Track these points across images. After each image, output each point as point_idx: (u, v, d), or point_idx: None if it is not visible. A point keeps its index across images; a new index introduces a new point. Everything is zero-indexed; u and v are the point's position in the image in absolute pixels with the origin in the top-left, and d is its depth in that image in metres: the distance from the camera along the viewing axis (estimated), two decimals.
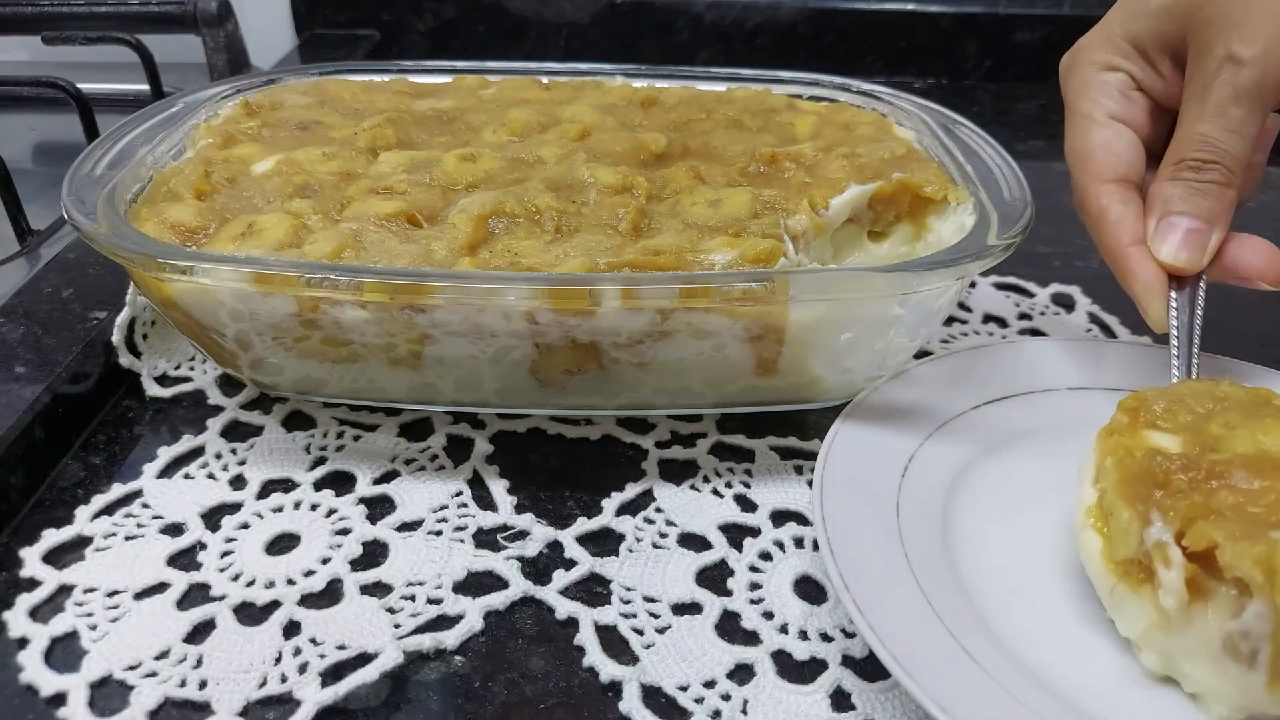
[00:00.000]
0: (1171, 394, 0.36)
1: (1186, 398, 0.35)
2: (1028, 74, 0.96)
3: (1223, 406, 0.35)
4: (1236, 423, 0.33)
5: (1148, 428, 0.34)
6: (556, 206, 0.43)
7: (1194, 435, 0.33)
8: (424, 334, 0.39)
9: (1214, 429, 0.33)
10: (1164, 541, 0.30)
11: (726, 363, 0.41)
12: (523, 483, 0.43)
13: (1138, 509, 0.31)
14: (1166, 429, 0.34)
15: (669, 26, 0.93)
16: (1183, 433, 0.34)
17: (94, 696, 0.33)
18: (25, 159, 0.74)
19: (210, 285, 0.38)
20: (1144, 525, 0.31)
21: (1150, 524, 0.31)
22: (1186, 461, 0.31)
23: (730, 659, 0.35)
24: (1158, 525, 0.31)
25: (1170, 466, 0.31)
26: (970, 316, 0.55)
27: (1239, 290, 0.42)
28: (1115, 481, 0.32)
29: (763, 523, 0.41)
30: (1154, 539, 0.31)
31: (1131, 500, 0.31)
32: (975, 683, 0.31)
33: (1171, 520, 0.30)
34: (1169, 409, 0.35)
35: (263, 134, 0.50)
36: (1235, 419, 0.33)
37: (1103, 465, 0.34)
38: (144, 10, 0.78)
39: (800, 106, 0.56)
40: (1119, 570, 0.32)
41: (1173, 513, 0.30)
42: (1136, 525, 0.31)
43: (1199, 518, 0.30)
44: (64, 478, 0.42)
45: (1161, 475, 0.31)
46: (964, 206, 0.45)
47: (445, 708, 0.33)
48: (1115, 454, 0.33)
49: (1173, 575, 0.30)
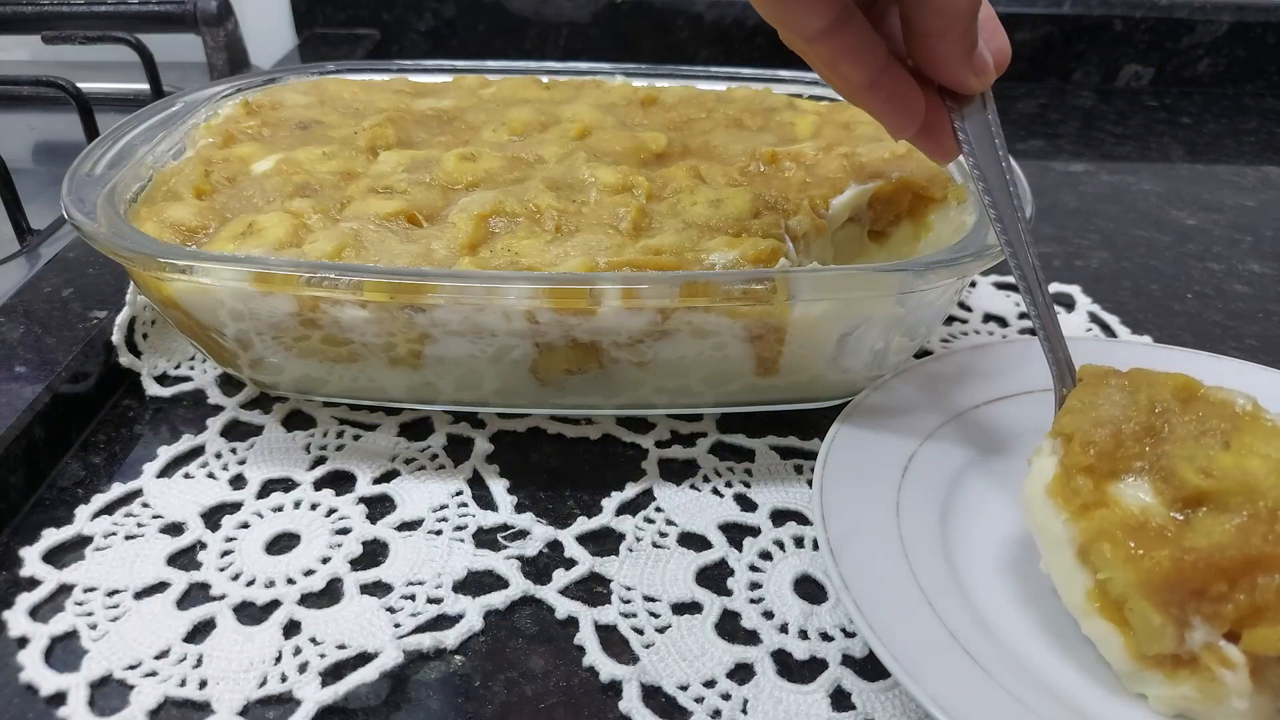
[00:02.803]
0: (1094, 420, 0.33)
1: (1114, 420, 0.33)
2: (1028, 73, 0.96)
3: (1163, 419, 0.33)
4: (1194, 447, 0.31)
5: (1108, 480, 0.32)
6: (557, 206, 0.43)
7: (1163, 478, 0.31)
8: (424, 333, 0.39)
9: (1185, 472, 0.31)
10: (1215, 644, 0.29)
11: (727, 362, 0.41)
12: (523, 482, 0.43)
13: (1172, 614, 0.29)
14: (1130, 473, 0.32)
15: (669, 26, 0.93)
16: (1149, 476, 0.32)
17: (94, 696, 0.33)
18: (25, 158, 0.74)
19: (210, 285, 0.38)
20: (1181, 628, 0.29)
21: (1191, 627, 0.29)
22: (1217, 567, 0.29)
23: (730, 658, 0.35)
24: (1202, 630, 0.29)
25: (1207, 575, 0.29)
26: (970, 316, 0.55)
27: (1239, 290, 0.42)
28: (1135, 584, 0.30)
29: (763, 522, 0.41)
30: (1200, 641, 0.29)
31: (1164, 606, 0.29)
32: (975, 682, 0.31)
33: (1219, 625, 0.29)
34: (1110, 445, 0.32)
35: (263, 133, 0.50)
36: (1187, 442, 0.32)
37: (1096, 549, 0.31)
38: (144, 10, 0.78)
39: (800, 106, 0.56)
40: (1148, 661, 0.31)
41: (1220, 619, 0.29)
42: (1173, 629, 0.29)
43: (1250, 621, 0.29)
44: (64, 477, 0.42)
45: (1198, 584, 0.29)
46: (964, 206, 0.45)
47: (445, 707, 0.33)
48: (1112, 541, 0.31)
49: (1238, 677, 0.29)
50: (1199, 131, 0.87)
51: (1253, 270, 0.62)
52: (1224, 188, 0.75)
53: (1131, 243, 0.65)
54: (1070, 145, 0.83)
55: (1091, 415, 0.33)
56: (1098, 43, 0.95)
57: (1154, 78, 0.97)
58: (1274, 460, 0.31)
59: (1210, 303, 0.58)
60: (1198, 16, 0.93)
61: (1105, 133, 0.86)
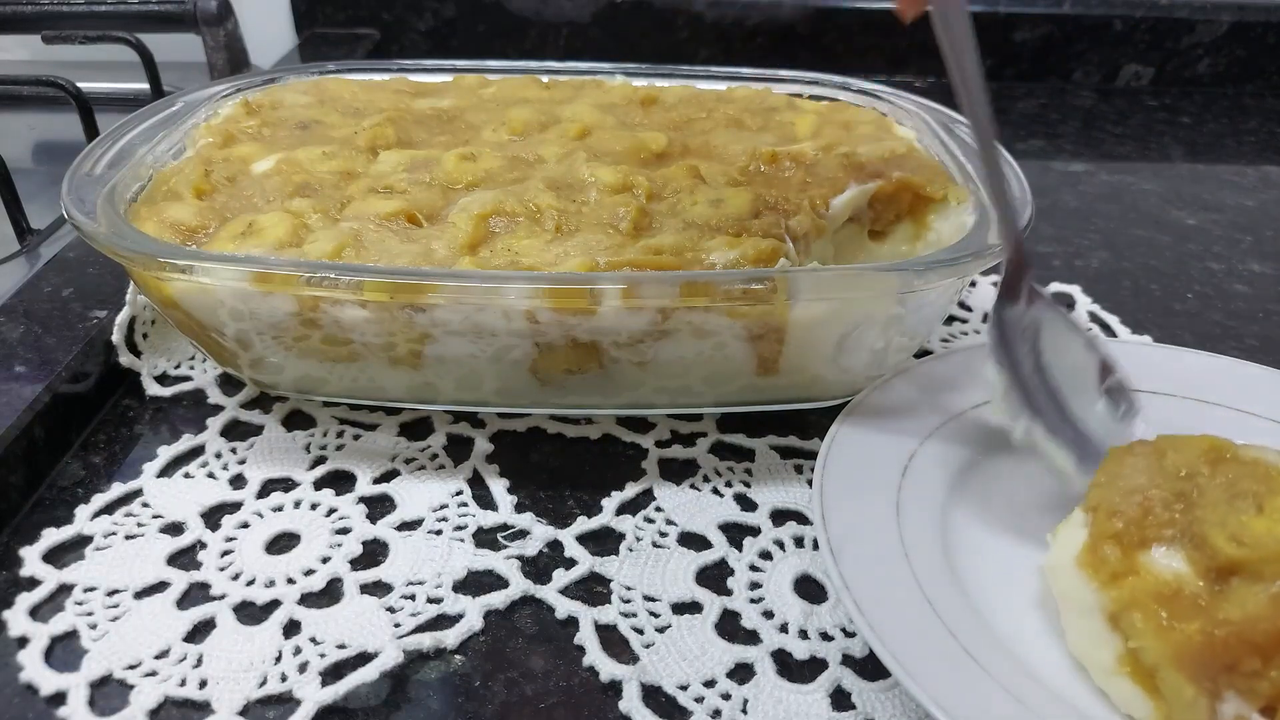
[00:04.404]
0: (1121, 490, 0.33)
1: (1140, 488, 0.33)
2: (1028, 73, 0.96)
3: (1192, 483, 0.32)
4: (1225, 513, 0.31)
5: (1138, 549, 0.32)
6: (557, 206, 0.43)
7: (1195, 546, 0.31)
8: (424, 333, 0.39)
9: (1216, 540, 0.30)
10: (1248, 717, 0.29)
11: (727, 362, 0.41)
12: (523, 482, 0.43)
13: (1206, 686, 0.29)
14: (1160, 542, 0.32)
15: (669, 25, 0.93)
16: (1181, 544, 0.31)
17: (94, 695, 0.33)
18: (25, 158, 0.74)
19: (210, 284, 0.38)
20: (1214, 700, 0.29)
21: (1223, 699, 0.29)
22: (1250, 642, 0.29)
23: (730, 658, 0.35)
24: (1235, 703, 0.29)
25: (1239, 650, 0.29)
26: (970, 316, 0.55)
27: (1239, 290, 0.42)
28: (1167, 655, 0.30)
29: (763, 522, 0.41)
30: (1233, 715, 0.29)
31: (1198, 679, 0.29)
32: (975, 682, 0.31)
33: (1255, 700, 0.29)
34: (1139, 514, 0.32)
35: (263, 133, 0.50)
36: (1219, 507, 0.31)
37: (1127, 618, 0.31)
38: (144, 9, 0.78)
39: (800, 105, 0.56)
40: None
41: (1255, 695, 0.29)
42: (1206, 701, 0.29)
43: None
44: (64, 477, 0.42)
45: (1230, 659, 0.29)
46: (964, 206, 0.45)
47: (445, 707, 0.33)
48: (1145, 611, 0.30)
49: None
50: (1199, 131, 0.87)
51: (1253, 270, 0.62)
52: (1224, 187, 0.75)
53: (1131, 243, 0.65)
54: (1070, 145, 0.83)
55: (1119, 485, 0.33)
56: (1098, 43, 0.95)
57: (1154, 77, 0.97)
58: None
59: (1210, 302, 0.58)
60: (1198, 16, 0.93)
61: (1105, 133, 0.86)
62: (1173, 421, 0.38)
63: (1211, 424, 0.41)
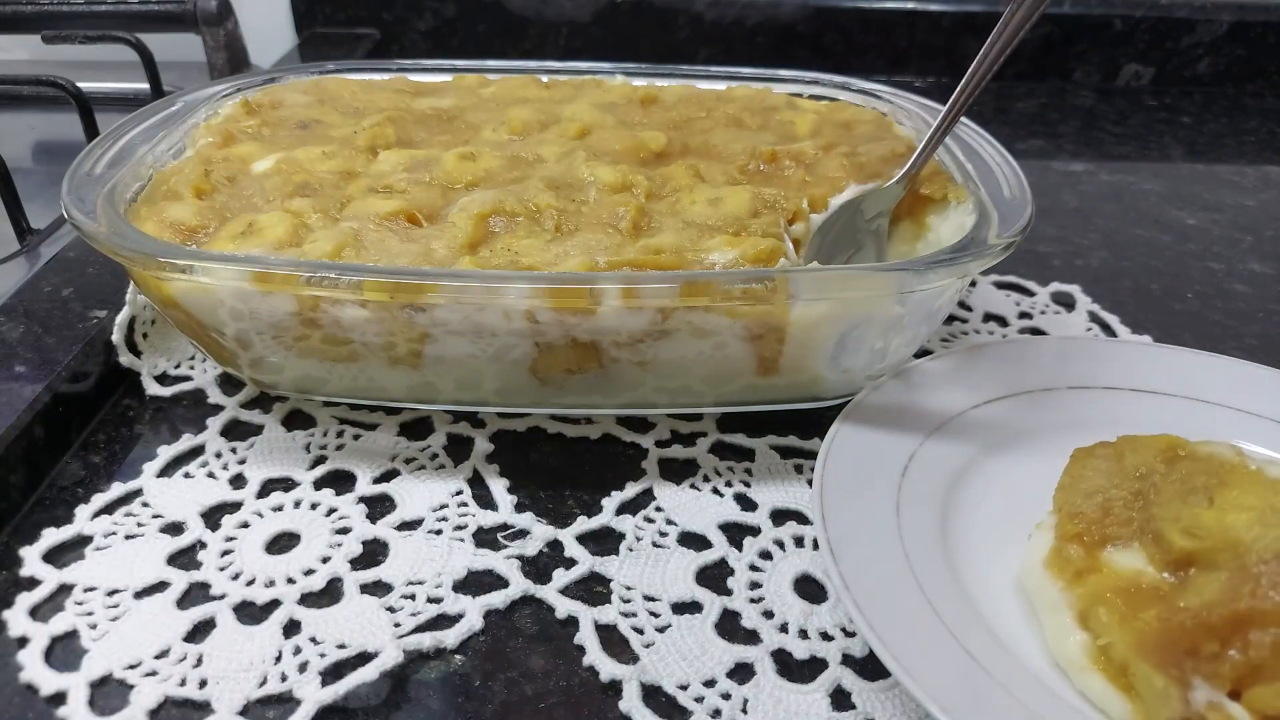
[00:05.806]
0: (1082, 492, 0.34)
1: (1100, 489, 0.34)
2: (1028, 73, 0.96)
3: (1149, 482, 0.34)
4: (1179, 508, 0.32)
5: (1099, 547, 0.33)
6: (556, 205, 0.43)
7: (1154, 541, 0.32)
8: (424, 333, 0.39)
9: (1171, 535, 0.32)
10: (1219, 704, 0.29)
11: (727, 362, 0.41)
12: (523, 482, 0.43)
13: (1173, 674, 0.30)
14: (1120, 540, 0.33)
15: (669, 25, 0.93)
16: (1141, 541, 0.32)
17: (94, 695, 0.33)
18: (25, 158, 0.74)
19: (210, 284, 0.38)
20: (1183, 688, 0.29)
21: (1191, 687, 0.29)
22: (1205, 625, 0.30)
23: (730, 658, 0.35)
24: (1204, 689, 0.29)
25: (1197, 634, 0.30)
26: (970, 315, 0.55)
27: (1239, 290, 0.42)
28: (1131, 645, 0.30)
29: (763, 522, 0.40)
30: (1204, 700, 0.29)
31: (1164, 667, 0.30)
32: (975, 682, 0.31)
33: (1221, 684, 0.29)
34: (1098, 514, 0.33)
35: (262, 133, 0.50)
36: (1173, 503, 0.32)
37: (1094, 614, 0.32)
38: (144, 9, 0.78)
39: (800, 105, 0.56)
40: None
41: (1220, 678, 0.29)
42: (1176, 689, 0.29)
43: (1250, 679, 0.29)
44: (64, 477, 0.42)
45: (1189, 644, 0.30)
46: (964, 205, 0.45)
47: (445, 707, 0.33)
48: (1108, 605, 0.31)
49: None
50: (1199, 131, 0.87)
51: (1253, 270, 0.62)
52: (1224, 187, 0.75)
53: (1131, 242, 0.65)
54: (1070, 145, 0.83)
55: (1080, 488, 0.35)
56: (1098, 42, 0.95)
57: (1154, 77, 0.97)
58: (1255, 511, 0.31)
59: (1210, 302, 0.58)
60: (1198, 16, 0.93)
61: (1105, 132, 0.86)
62: (1173, 421, 0.38)
63: (1212, 424, 0.41)
